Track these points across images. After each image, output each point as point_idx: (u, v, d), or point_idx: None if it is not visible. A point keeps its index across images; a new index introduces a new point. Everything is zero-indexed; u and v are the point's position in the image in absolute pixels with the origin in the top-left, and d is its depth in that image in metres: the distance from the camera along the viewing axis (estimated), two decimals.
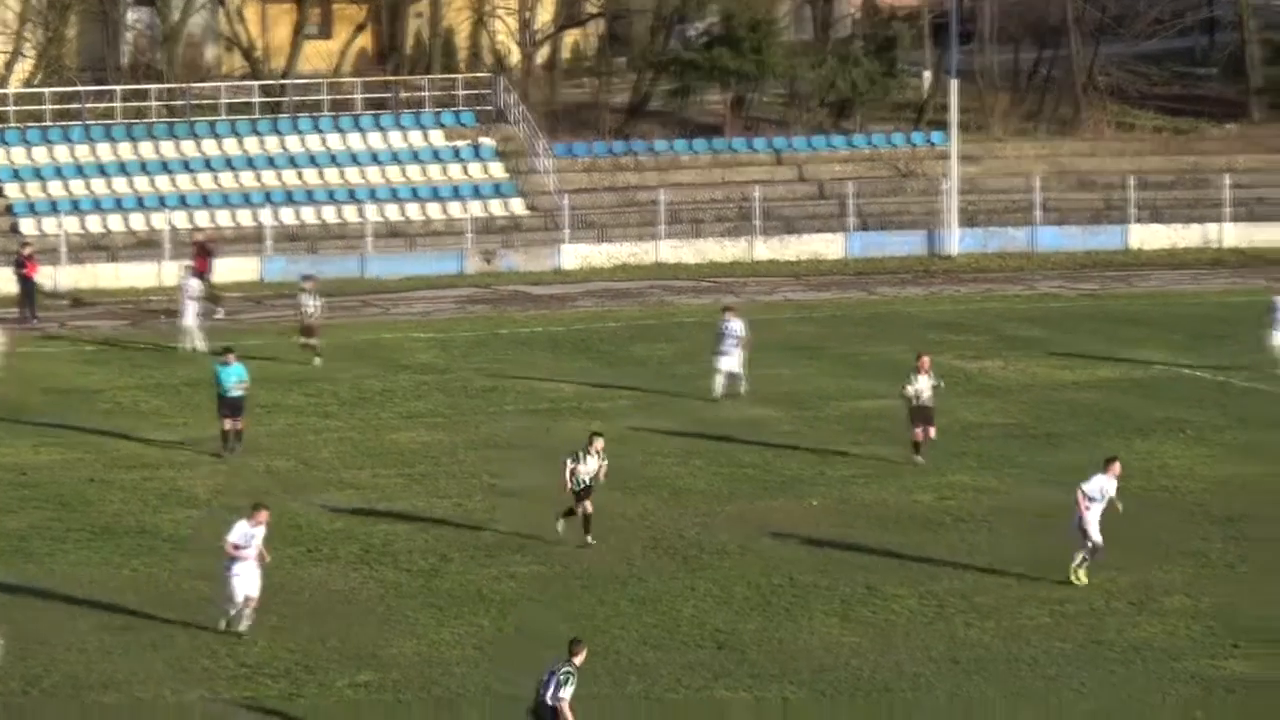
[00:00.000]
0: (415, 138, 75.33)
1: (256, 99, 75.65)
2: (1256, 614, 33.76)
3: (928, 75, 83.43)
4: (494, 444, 47.21)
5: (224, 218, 70.26)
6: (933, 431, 44.98)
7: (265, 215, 69.98)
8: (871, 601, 33.99)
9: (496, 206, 73.16)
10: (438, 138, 75.14)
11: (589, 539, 36.69)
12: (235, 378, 44.07)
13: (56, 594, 34.49)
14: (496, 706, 29.06)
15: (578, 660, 27.92)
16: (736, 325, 52.10)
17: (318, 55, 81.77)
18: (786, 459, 45.73)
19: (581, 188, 74.98)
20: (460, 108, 77.57)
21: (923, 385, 45.26)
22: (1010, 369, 55.74)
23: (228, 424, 43.70)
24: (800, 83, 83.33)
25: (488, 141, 75.74)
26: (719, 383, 51.45)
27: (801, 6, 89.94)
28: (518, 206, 73.27)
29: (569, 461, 37.07)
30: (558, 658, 28.00)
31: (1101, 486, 34.66)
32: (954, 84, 75.52)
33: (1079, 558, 34.62)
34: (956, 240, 73.67)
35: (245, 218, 70.38)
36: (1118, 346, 58.96)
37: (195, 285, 57.70)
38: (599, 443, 37.89)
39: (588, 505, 36.84)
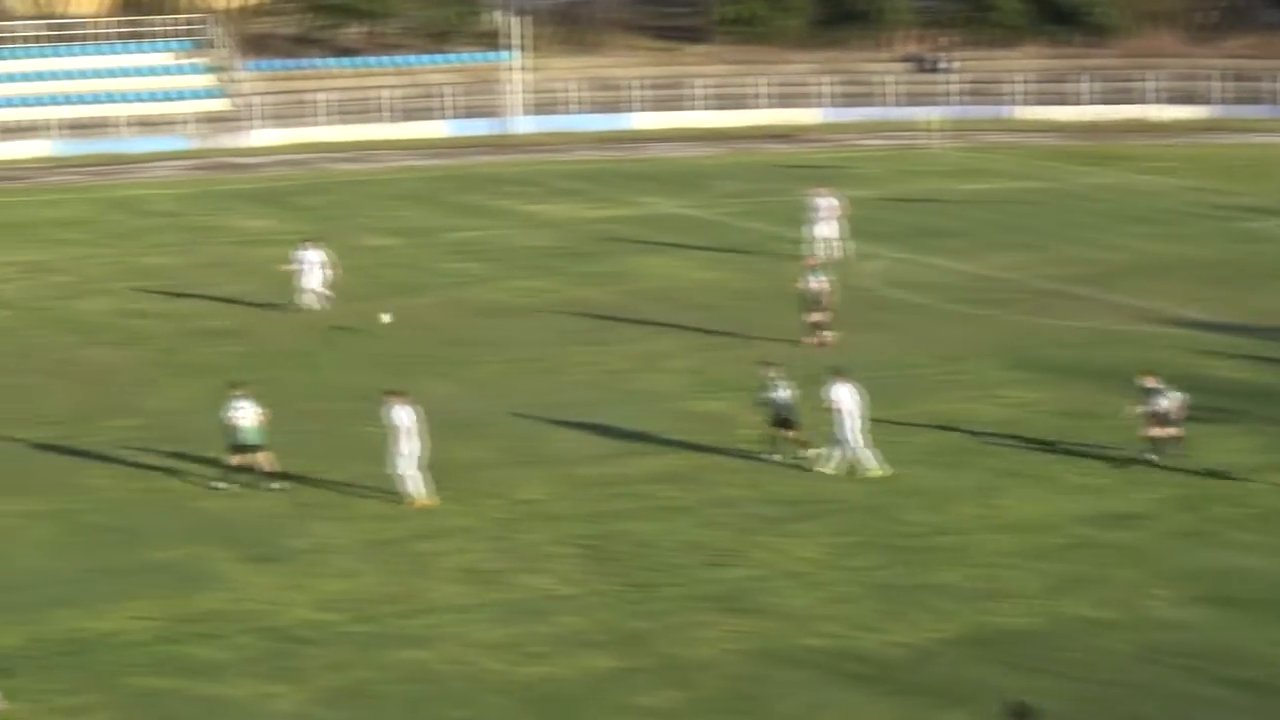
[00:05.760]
0: (155, 58, 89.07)
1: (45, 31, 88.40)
2: None
3: (499, 14, 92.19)
4: (217, 264, 54.18)
5: (20, 114, 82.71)
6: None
7: (53, 111, 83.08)
8: None
9: (209, 105, 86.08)
10: (168, 58, 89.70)
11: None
12: None
13: None
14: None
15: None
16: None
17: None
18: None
19: (266, 91, 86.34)
20: (183, 38, 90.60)
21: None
22: (557, 209, 63.11)
23: None
24: (411, 18, 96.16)
25: (202, 60, 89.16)
26: None
27: None
28: (223, 104, 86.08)
29: None
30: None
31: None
32: (516, 19, 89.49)
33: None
34: (523, 124, 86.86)
35: (37, 114, 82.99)
36: (630, 194, 66.49)
37: None
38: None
39: None
